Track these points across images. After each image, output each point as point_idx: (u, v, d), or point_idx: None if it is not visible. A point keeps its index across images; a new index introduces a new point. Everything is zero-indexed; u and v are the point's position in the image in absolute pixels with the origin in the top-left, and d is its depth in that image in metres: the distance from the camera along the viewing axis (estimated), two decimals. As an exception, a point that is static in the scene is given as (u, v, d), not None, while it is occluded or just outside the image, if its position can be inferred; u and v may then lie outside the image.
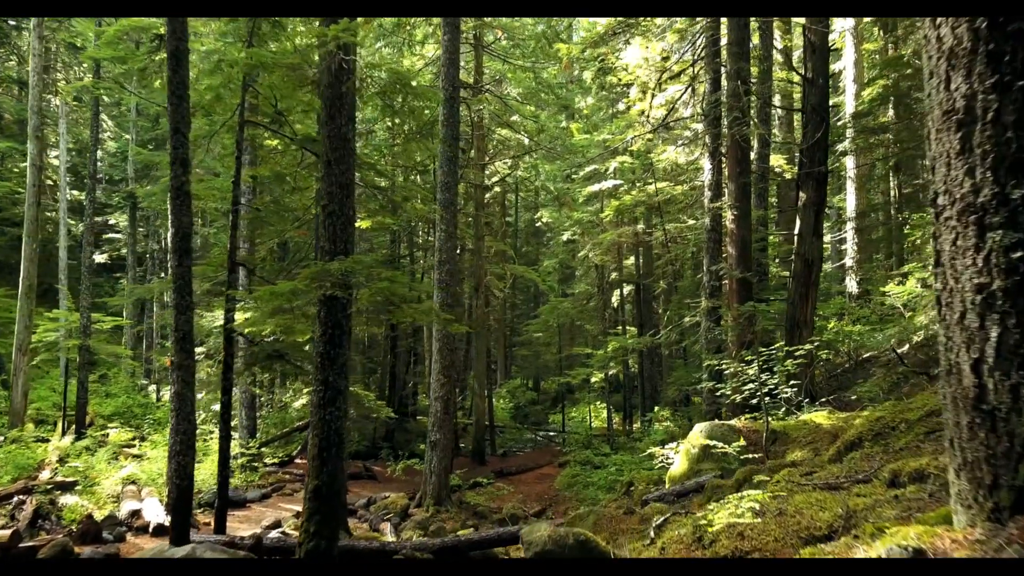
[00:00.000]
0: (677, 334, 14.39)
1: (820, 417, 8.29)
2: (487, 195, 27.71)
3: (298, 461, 18.41)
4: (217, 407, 19.60)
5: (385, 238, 26.95)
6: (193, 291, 11.72)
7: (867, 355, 17.92)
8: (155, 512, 11.11)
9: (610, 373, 26.81)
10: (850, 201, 21.73)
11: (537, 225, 37.49)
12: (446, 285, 13.88)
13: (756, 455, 7.91)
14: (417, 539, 9.00)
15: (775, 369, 8.19)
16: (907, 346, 16.73)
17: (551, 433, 28.32)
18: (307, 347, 11.46)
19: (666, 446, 9.62)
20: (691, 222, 20.93)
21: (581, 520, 7.25)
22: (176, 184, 8.05)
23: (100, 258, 32.02)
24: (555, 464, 19.90)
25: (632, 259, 26.08)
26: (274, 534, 9.63)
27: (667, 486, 8.68)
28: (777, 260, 20.18)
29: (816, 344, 8.33)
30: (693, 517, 4.44)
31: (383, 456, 22.42)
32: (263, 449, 17.19)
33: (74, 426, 18.61)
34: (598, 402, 29.80)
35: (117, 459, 16.08)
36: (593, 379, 24.33)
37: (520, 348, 33.53)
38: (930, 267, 12.23)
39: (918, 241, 17.30)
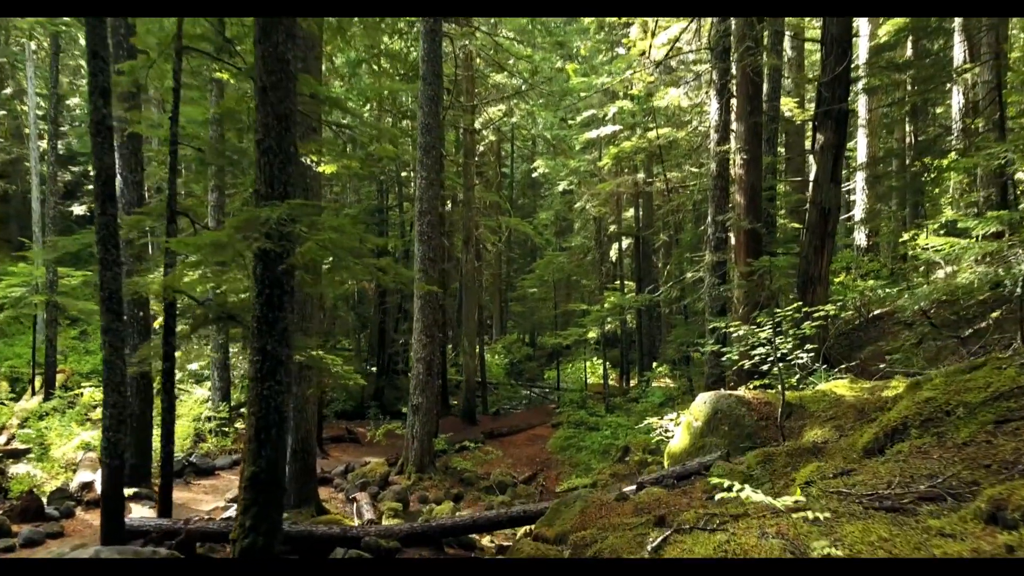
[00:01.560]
0: (678, 291, 13.34)
1: (841, 387, 7.29)
2: (480, 144, 26.36)
3: (278, 423, 17.56)
4: (195, 366, 18.72)
5: (372, 188, 25.73)
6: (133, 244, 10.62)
7: (878, 312, 16.94)
8: (109, 484, 10.19)
9: (607, 329, 25.93)
10: (861, 148, 20.45)
11: (534, 176, 36.02)
12: (428, 238, 12.77)
13: (768, 429, 6.94)
14: (387, 522, 8.10)
15: (790, 332, 7.15)
16: (923, 302, 15.72)
17: (546, 390, 27.55)
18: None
19: (665, 417, 8.67)
20: (694, 170, 19.69)
21: (567, 507, 6.30)
22: (96, 118, 6.87)
23: (80, 210, 30.74)
24: (548, 424, 19.09)
25: (631, 211, 24.89)
26: (232, 512, 8.73)
27: (666, 462, 7.74)
28: (784, 211, 19.02)
29: (840, 303, 7.27)
30: (704, 538, 3.44)
31: (370, 416, 21.64)
32: (237, 412, 16.31)
33: (45, 386, 17.73)
34: (595, 358, 28.91)
35: (86, 422, 15.19)
36: (590, 335, 23.45)
37: (515, 304, 32.55)
38: (958, 215, 11.11)
39: (949, 189, 16.12)
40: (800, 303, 7.24)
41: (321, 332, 29.65)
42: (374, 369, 25.74)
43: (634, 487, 6.84)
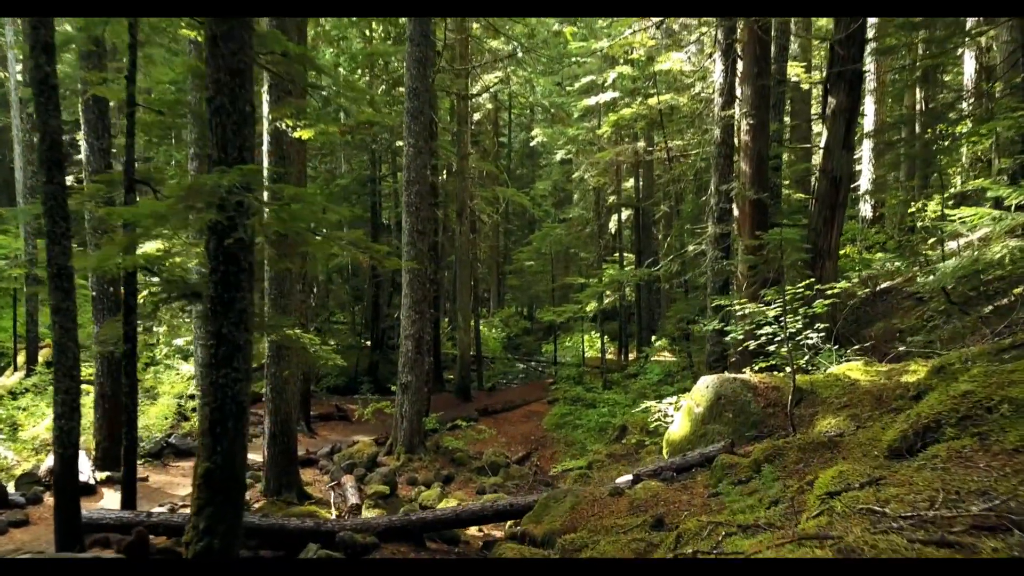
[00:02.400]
0: (678, 265, 12.74)
1: (855, 370, 6.74)
2: (476, 112, 25.55)
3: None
4: (181, 342, 18.18)
5: (364, 158, 24.97)
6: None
7: (885, 285, 16.37)
8: (80, 468, 9.68)
9: (605, 303, 25.36)
10: (868, 115, 19.69)
11: (532, 145, 35.16)
12: (416, 209, 12.13)
13: (776, 417, 6.41)
14: (367, 514, 7.60)
15: (800, 311, 6.58)
16: (949, 281, 15.17)
17: (543, 364, 27.09)
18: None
19: (664, 400, 8.13)
20: (695, 139, 18.95)
21: (556, 502, 5.79)
22: (39, 76, 6.22)
23: (69, 179, 30.01)
24: (545, 400, 18.63)
25: (631, 181, 24.17)
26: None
27: (664, 450, 7.22)
28: (789, 181, 18.35)
29: (855, 280, 6.68)
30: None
31: (363, 391, 21.18)
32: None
33: (27, 363, 17.21)
34: (593, 331, 28.38)
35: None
36: (589, 307, 22.89)
37: (511, 278, 31.92)
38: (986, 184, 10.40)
39: (962, 158, 15.44)
40: (812, 279, 6.66)
41: (311, 307, 29.12)
42: (368, 343, 25.26)
43: (630, 479, 6.33)
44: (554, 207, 32.35)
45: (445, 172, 25.16)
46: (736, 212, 11.11)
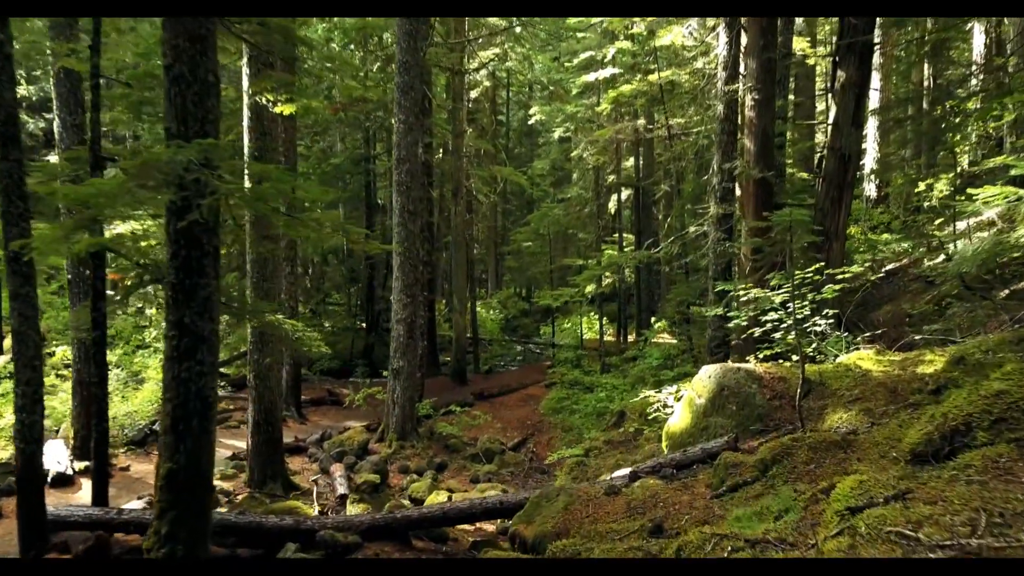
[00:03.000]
0: (679, 247, 12.31)
1: (866, 359, 6.35)
2: (473, 90, 24.96)
3: (258, 384, 16.70)
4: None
5: (358, 137, 24.41)
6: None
7: (891, 267, 15.97)
8: (58, 458, 9.38)
9: (604, 284, 24.94)
10: (874, 91, 19.14)
11: (530, 123, 34.53)
12: (407, 188, 11.68)
13: (783, 410, 6.03)
14: (351, 509, 7.25)
15: (808, 296, 6.17)
16: (971, 266, 14.76)
17: (541, 347, 26.77)
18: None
19: (663, 390, 7.75)
20: (697, 117, 18.41)
21: (548, 501, 5.43)
22: (-10, 44, 5.77)
23: (54, 157, 29.46)
24: (542, 384, 18.30)
25: (631, 160, 23.65)
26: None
27: (663, 444, 6.86)
28: (793, 159, 17.86)
29: (867, 264, 6.28)
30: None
31: (358, 374, 20.83)
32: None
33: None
34: (591, 313, 28.01)
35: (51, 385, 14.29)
36: (588, 288, 22.43)
37: (508, 259, 31.46)
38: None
39: (972, 136, 14.96)
40: (822, 263, 6.25)
41: (306, 289, 28.73)
42: (364, 325, 24.88)
43: (627, 473, 5.97)
44: (552, 187, 31.82)
45: (441, 151, 24.64)
46: (739, 192, 10.67)
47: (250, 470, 9.18)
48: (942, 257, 14.74)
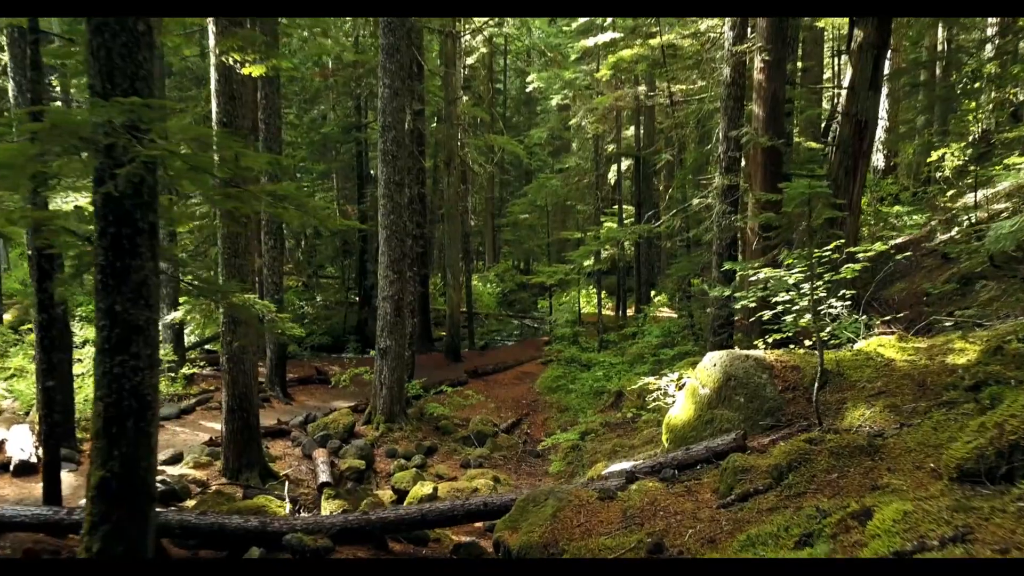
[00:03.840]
0: (681, 220, 11.65)
1: (888, 346, 5.77)
2: (469, 56, 24.06)
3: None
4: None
5: (349, 104, 23.57)
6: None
7: (901, 240, 15.34)
8: (21, 445, 8.87)
9: (603, 257, 24.29)
10: (886, 57, 18.26)
11: (529, 91, 33.55)
12: (393, 158, 11.00)
13: (796, 403, 5.46)
14: (327, 507, 6.72)
15: (825, 276, 5.57)
16: (955, 230, 14.11)
17: (538, 322, 26.23)
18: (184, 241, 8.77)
19: (664, 378, 7.17)
20: (701, 82, 17.61)
21: (536, 506, 4.88)
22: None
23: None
24: (538, 360, 17.78)
25: (631, 129, 22.86)
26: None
27: (664, 437, 6.31)
28: (799, 127, 17.11)
29: (891, 240, 5.67)
30: None
31: (350, 350, 20.32)
32: (191, 352, 14.89)
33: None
34: (590, 286, 27.41)
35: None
36: (586, 263, 21.83)
37: (505, 231, 30.73)
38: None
39: (990, 104, 14.23)
40: (841, 240, 5.63)
41: (299, 261, 28.07)
42: (357, 299, 24.29)
43: (623, 473, 5.42)
44: (551, 156, 30.98)
45: (436, 120, 23.82)
46: (746, 162, 10.01)
47: (225, 458, 8.67)
48: (955, 230, 14.12)
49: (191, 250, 15.02)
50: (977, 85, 13.04)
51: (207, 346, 17.31)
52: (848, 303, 6.39)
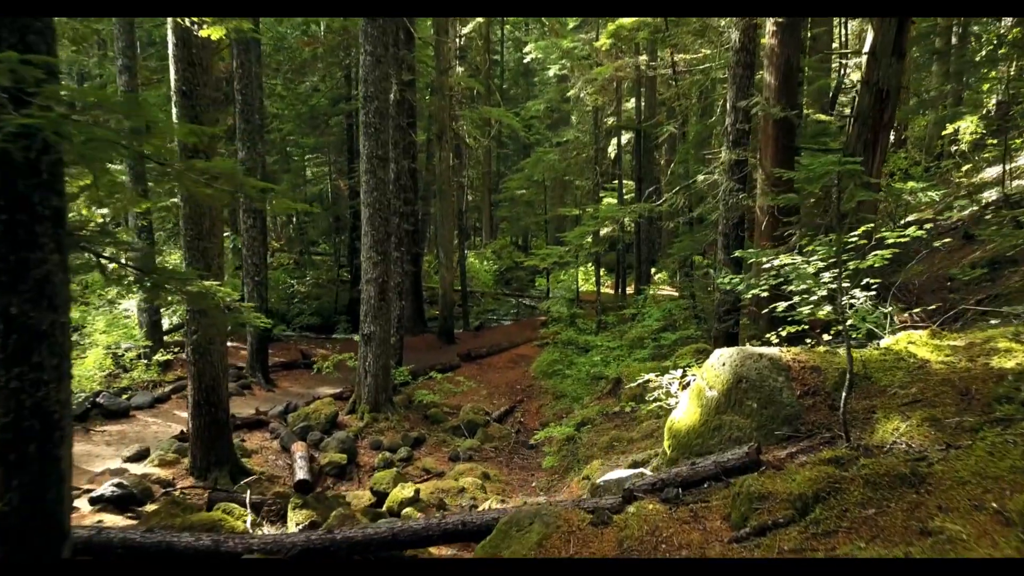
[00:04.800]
0: (684, 198, 10.92)
1: (919, 344, 5.10)
2: (465, 26, 23.09)
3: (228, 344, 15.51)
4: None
5: (339, 75, 22.65)
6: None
7: (912, 218, 14.63)
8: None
9: (602, 234, 23.55)
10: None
11: (527, 62, 32.51)
12: (375, 130, 10.25)
13: (817, 411, 4.81)
14: (294, 518, 6.10)
15: (851, 265, 4.90)
16: (974, 207, 13.39)
17: (536, 300, 25.56)
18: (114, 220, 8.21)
19: (665, 376, 6.51)
20: (706, 51, 16.75)
21: (519, 531, 4.26)
22: None
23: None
24: (534, 343, 17.15)
25: (632, 101, 21.99)
26: (107, 488, 6.77)
27: (666, 443, 5.67)
28: (808, 99, 16.28)
29: (928, 224, 4.98)
30: None
31: (340, 331, 19.69)
32: (173, 335, 14.22)
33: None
34: (588, 263, 26.72)
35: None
36: (585, 241, 21.10)
37: (501, 207, 29.92)
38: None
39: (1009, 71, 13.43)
40: (871, 224, 4.95)
41: (290, 238, 27.31)
42: (348, 277, 23.60)
43: (620, 493, 4.79)
44: (548, 129, 30.06)
45: (429, 92, 22.94)
46: (756, 135, 9.28)
47: (192, 456, 8.06)
48: (974, 208, 13.40)
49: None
50: (1003, 51, 12.21)
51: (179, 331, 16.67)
52: (872, 293, 5.72)
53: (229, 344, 15.50)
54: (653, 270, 24.54)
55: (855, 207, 4.74)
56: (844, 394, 4.16)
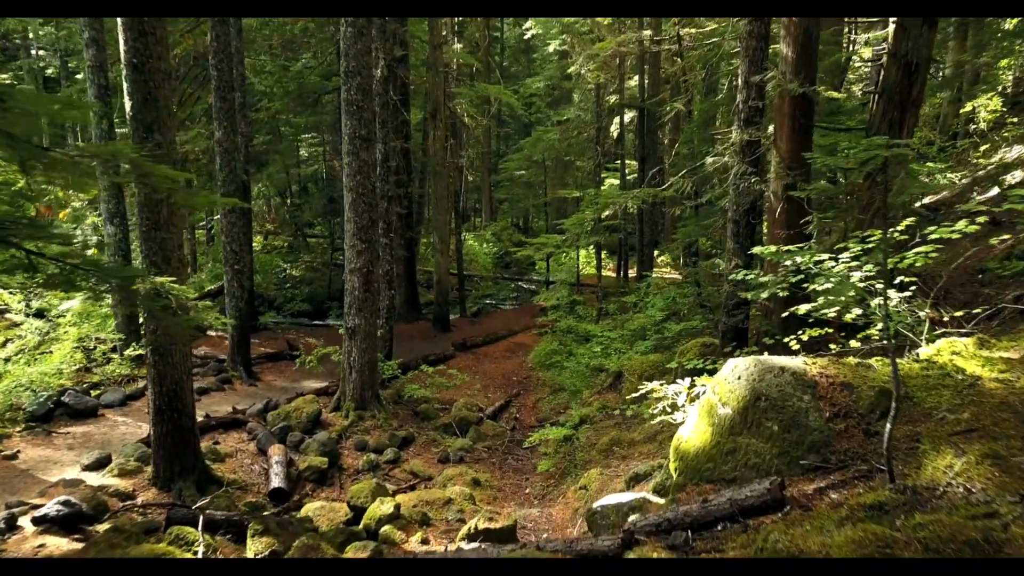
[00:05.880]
0: (691, 183, 10.15)
1: (966, 355, 4.40)
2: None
3: (211, 334, 14.92)
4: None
5: (330, 50, 21.77)
6: None
7: (929, 200, 13.87)
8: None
9: (604, 216, 22.77)
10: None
11: (527, 38, 31.48)
12: (358, 108, 9.49)
13: (850, 437, 4.13)
14: (253, 547, 5.43)
15: (892, 264, 4.19)
16: (995, 190, 12.63)
17: (536, 284, 24.88)
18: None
19: (672, 387, 5.81)
20: (713, 25, 15.87)
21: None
22: None
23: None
24: (532, 330, 16.48)
25: (636, 79, 21.12)
26: (53, 506, 6.13)
27: (672, 465, 4.99)
28: (821, 74, 15.41)
29: (987, 216, 4.26)
30: None
31: (332, 317, 19.02)
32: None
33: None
34: (590, 246, 25.94)
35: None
36: (584, 229, 20.27)
37: (499, 189, 29.07)
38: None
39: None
40: (914, 217, 4.23)
41: (285, 220, 26.55)
42: (342, 260, 22.89)
43: (618, 520, 4.13)
44: (549, 107, 29.14)
45: (425, 69, 22.05)
46: (771, 113, 8.52)
47: (155, 465, 7.43)
48: (995, 191, 12.63)
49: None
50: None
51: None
52: (908, 294, 5.01)
53: (212, 334, 14.89)
54: (656, 252, 23.81)
55: (906, 200, 4.01)
56: (889, 426, 3.46)
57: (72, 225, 14.30)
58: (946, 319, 5.23)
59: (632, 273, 21.95)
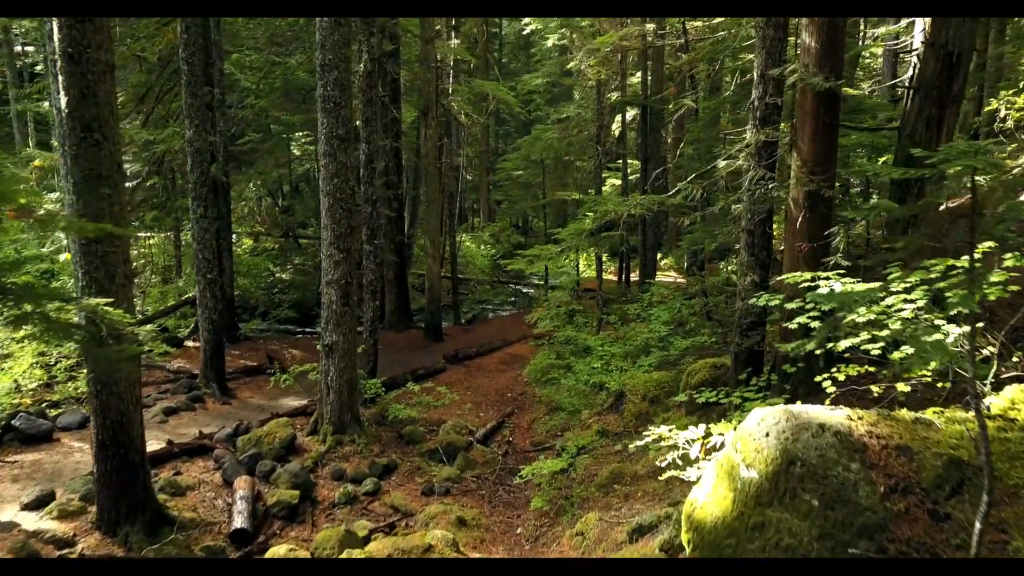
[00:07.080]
0: (700, 190, 9.30)
1: (1047, 410, 3.56)
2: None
3: (188, 344, 14.09)
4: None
5: (313, 39, 20.90)
6: None
7: (952, 203, 13.01)
8: None
9: (606, 217, 21.91)
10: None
11: (526, 34, 30.59)
12: (335, 105, 8.66)
13: (912, 521, 3.28)
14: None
15: (951, 296, 3.38)
16: None
17: (535, 288, 24.03)
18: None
19: (682, 436, 4.95)
20: (720, 18, 15.01)
21: None
22: None
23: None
24: (529, 340, 15.64)
25: (638, 75, 20.26)
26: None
27: (684, 535, 4.15)
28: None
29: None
30: None
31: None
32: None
33: None
34: (591, 248, 25.05)
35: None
36: (580, 240, 19.35)
37: (496, 191, 28.20)
38: None
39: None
40: (988, 245, 3.41)
41: (276, 219, 25.71)
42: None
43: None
44: (548, 105, 28.28)
45: (418, 65, 21.22)
46: (791, 111, 7.68)
47: (99, 506, 6.62)
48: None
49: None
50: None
51: (159, 321, 15.21)
52: (966, 330, 4.17)
53: (189, 344, 14.07)
54: (659, 255, 22.97)
55: (1003, 222, 3.18)
56: (979, 524, 2.63)
57: (40, 233, 13.50)
58: (1016, 360, 4.39)
59: (635, 277, 21.11)
